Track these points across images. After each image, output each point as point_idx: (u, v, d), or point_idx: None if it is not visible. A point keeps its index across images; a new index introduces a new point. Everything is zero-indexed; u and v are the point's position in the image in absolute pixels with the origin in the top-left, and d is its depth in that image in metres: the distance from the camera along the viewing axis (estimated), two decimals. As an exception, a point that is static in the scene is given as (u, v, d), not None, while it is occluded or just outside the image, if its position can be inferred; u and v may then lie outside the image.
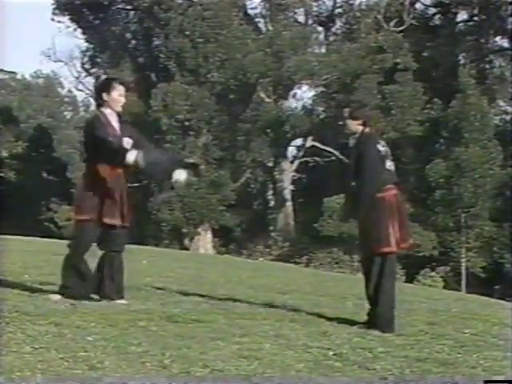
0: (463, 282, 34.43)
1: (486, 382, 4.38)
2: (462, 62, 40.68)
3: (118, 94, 6.85)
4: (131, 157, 6.56)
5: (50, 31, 60.99)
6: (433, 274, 34.56)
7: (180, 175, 6.84)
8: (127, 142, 6.78)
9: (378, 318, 6.41)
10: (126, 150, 6.64)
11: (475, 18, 41.33)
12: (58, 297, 6.67)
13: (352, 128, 6.75)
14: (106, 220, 6.71)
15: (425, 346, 5.83)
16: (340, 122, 6.30)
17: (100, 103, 6.91)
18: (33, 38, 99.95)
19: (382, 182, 6.54)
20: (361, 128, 6.70)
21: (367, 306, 6.66)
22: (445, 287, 30.98)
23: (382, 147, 6.66)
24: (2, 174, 44.47)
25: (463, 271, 35.07)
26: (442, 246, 35.68)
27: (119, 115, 6.91)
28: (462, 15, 42.35)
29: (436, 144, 36.33)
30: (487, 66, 42.16)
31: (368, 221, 6.51)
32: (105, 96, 6.82)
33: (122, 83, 7.00)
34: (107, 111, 6.85)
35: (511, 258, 35.84)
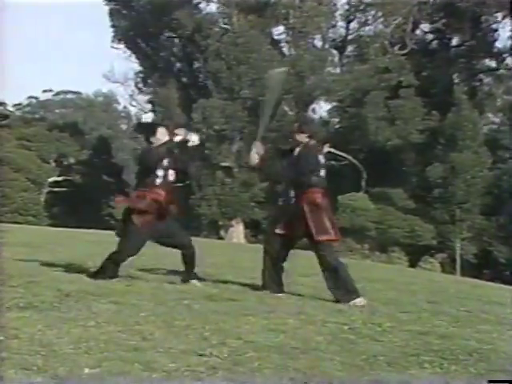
0: (458, 267, 34.07)
1: (490, 381, 4.09)
2: (455, 80, 40.25)
3: (160, 135, 6.93)
4: None
5: (110, 57, 61.59)
6: (432, 260, 34.27)
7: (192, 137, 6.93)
8: (171, 174, 6.88)
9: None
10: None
11: (467, 43, 40.85)
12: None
13: (300, 140, 6.57)
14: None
15: (426, 321, 5.76)
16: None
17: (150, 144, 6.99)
18: (95, 62, 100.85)
19: (314, 185, 6.47)
20: (306, 140, 6.55)
21: (377, 287, 6.61)
22: (442, 271, 30.70)
23: (322, 158, 6.57)
24: (70, 178, 44.92)
25: (458, 257, 34.71)
26: (439, 236, 35.34)
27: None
28: (456, 41, 41.91)
29: (434, 150, 36.00)
30: (477, 84, 41.66)
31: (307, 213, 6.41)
32: (152, 139, 6.93)
33: (162, 125, 7.13)
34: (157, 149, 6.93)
35: (498, 246, 35.42)
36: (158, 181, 6.75)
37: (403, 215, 35.51)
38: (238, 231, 37.59)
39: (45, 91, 63.10)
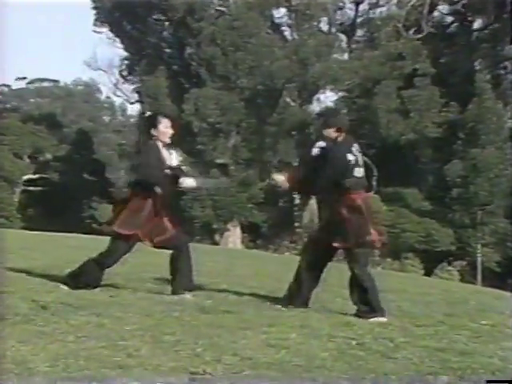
0: (479, 276, 34.10)
1: (489, 381, 4.26)
2: (477, 67, 40.29)
3: (164, 127, 6.87)
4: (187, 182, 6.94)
5: (92, 42, 61.82)
6: (450, 268, 34.29)
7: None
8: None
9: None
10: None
11: (490, 27, 40.87)
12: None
13: (329, 136, 6.47)
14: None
15: (443, 336, 5.77)
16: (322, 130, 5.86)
17: (150, 138, 6.90)
18: (75, 47, 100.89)
19: (348, 188, 6.40)
20: (335, 135, 6.47)
21: (389, 298, 6.63)
22: (461, 280, 30.71)
23: (352, 156, 6.47)
24: (46, 176, 44.90)
25: (479, 265, 34.73)
26: (458, 241, 35.37)
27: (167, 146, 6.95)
28: (478, 24, 41.92)
29: (453, 145, 36.02)
30: (502, 72, 41.68)
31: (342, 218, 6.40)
32: (153, 131, 6.84)
33: (166, 116, 7.04)
34: (159, 144, 6.88)
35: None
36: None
37: (418, 218, 35.54)
38: (234, 235, 37.62)
39: (18, 79, 63.09)
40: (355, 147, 6.58)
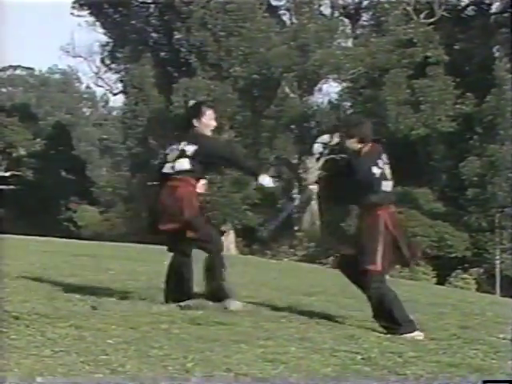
0: (497, 285, 34.17)
1: (485, 381, 4.50)
2: (496, 55, 40.35)
3: (208, 119, 7.02)
4: None
5: (69, 26, 61.81)
6: (465, 275, 34.33)
7: (264, 180, 7.01)
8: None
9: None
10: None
11: (510, 10, 40.92)
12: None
13: (351, 147, 6.63)
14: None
15: (458, 350, 5.80)
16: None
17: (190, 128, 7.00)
18: (51, 33, 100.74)
19: (375, 203, 6.52)
20: (359, 146, 6.60)
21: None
22: (478, 290, 30.77)
23: (377, 169, 6.55)
24: (20, 173, 44.85)
25: (497, 273, 34.80)
26: (475, 246, 35.42)
27: None
28: (496, 6, 41.98)
29: (469, 141, 36.08)
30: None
31: (363, 235, 6.54)
32: (195, 122, 6.97)
33: (210, 107, 7.18)
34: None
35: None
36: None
37: (430, 221, 35.58)
38: (227, 240, 37.60)
39: (-11, 67, 62.96)
40: (382, 159, 6.65)
